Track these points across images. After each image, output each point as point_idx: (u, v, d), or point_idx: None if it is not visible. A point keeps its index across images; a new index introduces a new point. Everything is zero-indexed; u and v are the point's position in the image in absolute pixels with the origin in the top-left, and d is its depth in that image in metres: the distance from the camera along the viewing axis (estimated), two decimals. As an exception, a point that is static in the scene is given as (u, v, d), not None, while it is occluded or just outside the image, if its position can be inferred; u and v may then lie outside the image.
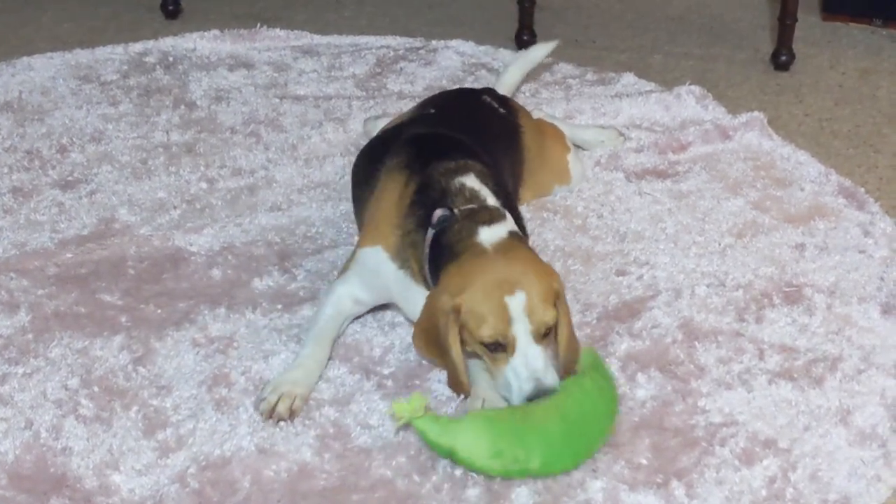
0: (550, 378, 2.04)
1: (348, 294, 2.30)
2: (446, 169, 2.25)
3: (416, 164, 2.30)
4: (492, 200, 2.21)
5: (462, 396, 2.15)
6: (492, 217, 2.16)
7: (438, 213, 2.18)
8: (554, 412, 1.99)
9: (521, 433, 1.97)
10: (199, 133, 3.19)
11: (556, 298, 2.08)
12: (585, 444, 2.02)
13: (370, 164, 2.45)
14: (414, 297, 2.22)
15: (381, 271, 2.26)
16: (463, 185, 2.22)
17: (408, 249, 2.23)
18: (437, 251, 2.15)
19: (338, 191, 2.88)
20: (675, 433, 2.11)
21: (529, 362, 2.03)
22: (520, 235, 2.19)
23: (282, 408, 2.12)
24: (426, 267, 2.19)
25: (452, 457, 1.98)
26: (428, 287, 2.19)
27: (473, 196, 2.21)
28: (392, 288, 2.27)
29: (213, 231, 2.69)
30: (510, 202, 2.29)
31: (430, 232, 2.18)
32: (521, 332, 2.03)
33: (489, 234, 2.12)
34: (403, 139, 2.42)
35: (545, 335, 2.06)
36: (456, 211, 2.17)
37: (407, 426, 2.04)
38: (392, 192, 2.30)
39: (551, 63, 3.64)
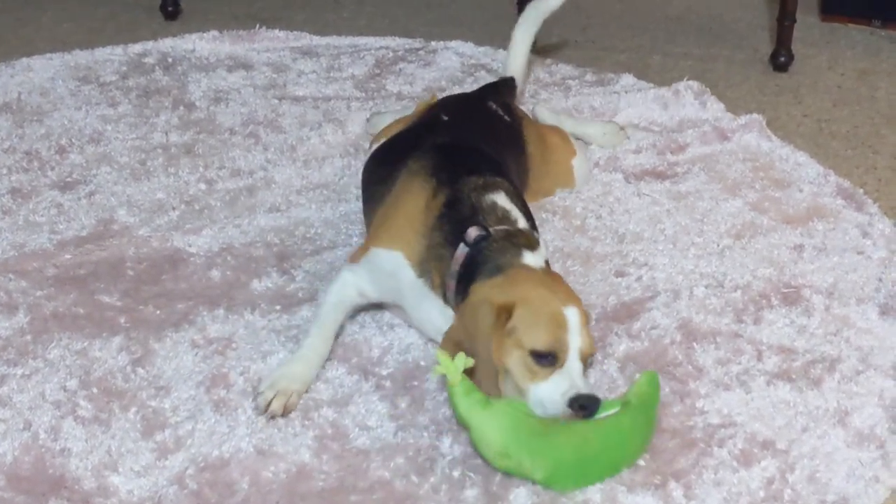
0: (590, 391, 1.99)
1: (354, 283, 2.29)
2: (476, 185, 2.24)
3: (443, 173, 2.27)
4: (522, 222, 2.22)
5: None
6: (530, 242, 2.16)
7: (473, 232, 2.15)
8: (577, 436, 1.96)
9: (536, 443, 1.94)
10: (198, 134, 3.19)
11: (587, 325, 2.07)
12: (595, 475, 1.99)
13: (388, 164, 2.43)
14: (427, 306, 2.22)
15: (399, 276, 2.24)
16: (495, 204, 2.22)
17: (431, 262, 2.20)
18: (473, 268, 2.12)
19: (337, 192, 2.89)
20: (674, 434, 2.11)
21: (575, 379, 1.99)
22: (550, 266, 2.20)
23: (276, 405, 2.11)
24: (451, 283, 2.15)
25: (466, 430, 1.97)
26: (445, 300, 2.18)
27: (505, 216, 2.20)
28: (405, 293, 2.25)
29: (211, 232, 2.69)
30: (533, 223, 2.29)
31: (463, 248, 2.14)
32: (573, 346, 2.00)
33: (533, 260, 2.12)
34: (429, 145, 2.39)
35: (585, 358, 2.04)
36: (491, 230, 2.15)
37: (442, 379, 2.01)
38: (417, 198, 2.26)
39: (550, 63, 3.64)
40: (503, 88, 2.95)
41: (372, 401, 2.17)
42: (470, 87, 3.44)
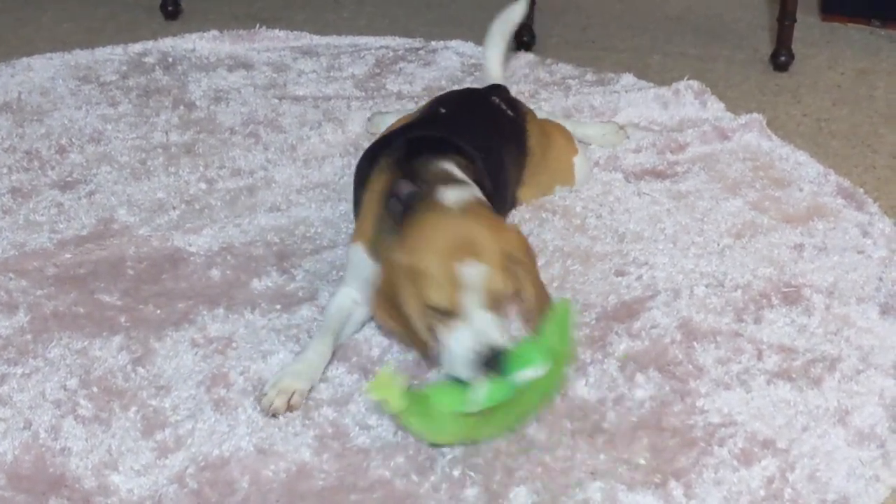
0: (499, 342, 1.96)
1: (346, 294, 2.32)
2: (425, 161, 2.23)
3: (405, 161, 2.27)
4: (461, 177, 2.19)
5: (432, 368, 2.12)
6: (456, 183, 2.13)
7: (405, 187, 2.14)
8: (510, 417, 2.03)
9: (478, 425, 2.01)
10: (198, 133, 3.19)
11: (517, 263, 2.03)
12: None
13: (369, 164, 2.44)
14: None
15: (362, 268, 2.25)
16: (438, 169, 2.20)
17: (380, 244, 2.20)
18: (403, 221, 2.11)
19: (337, 191, 2.88)
20: (674, 433, 2.11)
21: (479, 328, 1.96)
22: (485, 201, 2.14)
23: (278, 403, 2.12)
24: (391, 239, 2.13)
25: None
26: None
27: (447, 176, 2.18)
28: (367, 282, 2.25)
29: (212, 231, 2.69)
30: (482, 186, 2.25)
31: (398, 206, 2.14)
32: (472, 301, 1.97)
33: (451, 194, 2.09)
34: (403, 139, 2.41)
35: (500, 302, 2.02)
36: (423, 186, 2.14)
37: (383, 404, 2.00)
38: (376, 188, 2.28)
39: (550, 63, 3.64)
40: (501, 91, 2.95)
41: (372, 400, 2.17)
42: (470, 86, 3.44)
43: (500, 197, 2.48)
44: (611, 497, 1.97)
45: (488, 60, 3.09)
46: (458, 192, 2.12)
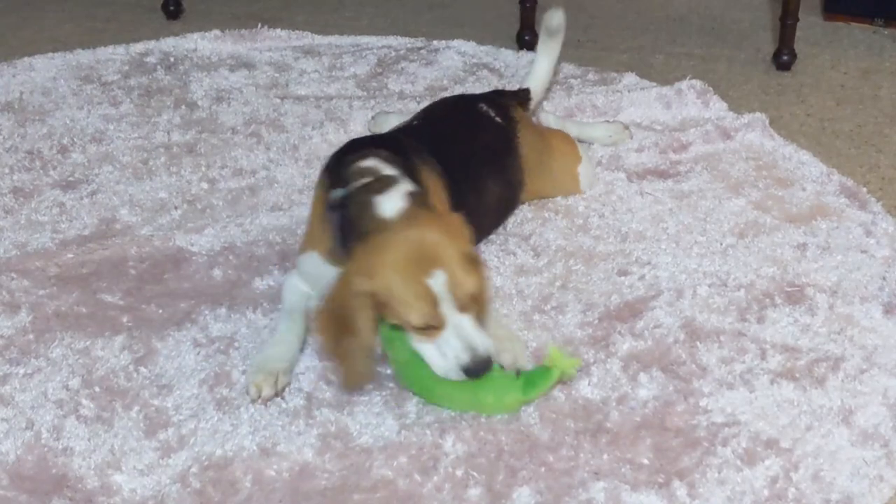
0: (482, 345, 2.05)
1: (295, 286, 2.34)
2: (350, 160, 2.25)
3: (333, 165, 2.31)
4: (387, 171, 2.20)
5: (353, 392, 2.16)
6: (383, 184, 2.14)
7: (335, 192, 2.18)
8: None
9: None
10: (200, 133, 3.19)
11: (473, 256, 2.08)
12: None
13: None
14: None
15: (324, 274, 2.24)
16: (359, 167, 2.22)
17: (314, 238, 2.27)
18: (346, 231, 2.14)
19: (339, 191, 2.88)
20: (677, 433, 2.10)
21: (462, 333, 2.05)
22: (419, 194, 2.15)
23: (266, 390, 2.14)
24: (339, 249, 2.16)
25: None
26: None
27: (368, 171, 2.20)
28: (315, 277, 2.29)
29: (214, 231, 2.69)
30: (413, 167, 2.25)
31: (332, 214, 2.17)
32: (448, 308, 2.03)
33: (387, 205, 2.10)
34: (332, 154, 2.41)
35: (470, 301, 2.06)
36: (351, 188, 2.16)
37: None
38: (317, 195, 2.32)
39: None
40: (514, 96, 2.92)
41: (375, 400, 2.17)
42: (472, 86, 3.45)
43: (476, 199, 2.49)
44: (614, 497, 1.96)
45: (535, 63, 3.05)
46: (392, 199, 2.12)
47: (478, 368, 2.06)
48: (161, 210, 2.81)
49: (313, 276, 2.30)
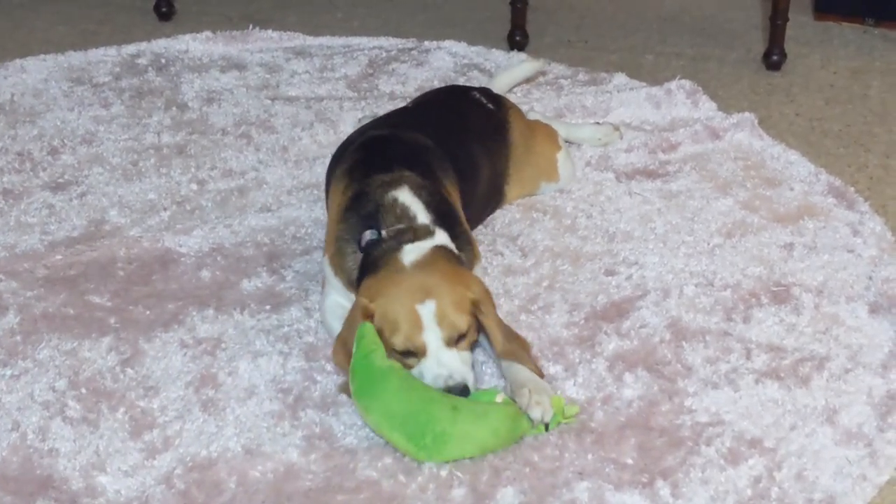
0: (460, 377, 2.07)
1: (333, 303, 2.34)
2: (381, 182, 2.30)
3: (357, 171, 2.36)
4: (423, 217, 2.25)
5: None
6: (417, 235, 2.21)
7: (367, 235, 2.23)
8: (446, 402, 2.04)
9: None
10: (190, 134, 3.19)
11: (474, 305, 2.12)
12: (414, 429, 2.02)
13: (332, 169, 2.51)
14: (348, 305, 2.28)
15: (330, 277, 2.33)
16: (395, 201, 2.26)
17: (335, 257, 2.30)
18: (365, 270, 2.20)
19: (328, 192, 2.89)
20: (662, 433, 2.11)
21: (442, 363, 2.08)
22: (447, 248, 2.22)
23: None
24: (354, 287, 2.25)
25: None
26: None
27: (404, 213, 2.25)
28: (345, 293, 2.32)
29: (202, 232, 2.69)
30: (446, 211, 2.31)
31: (359, 253, 2.24)
32: (432, 338, 2.08)
33: (412, 250, 2.17)
34: (357, 143, 2.47)
35: (458, 340, 2.10)
36: (383, 232, 2.21)
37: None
38: (335, 199, 2.38)
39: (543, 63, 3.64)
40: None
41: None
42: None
43: (470, 181, 2.53)
44: (598, 497, 1.97)
45: (497, 79, 3.24)
46: (419, 250, 2.17)
47: (454, 392, 2.06)
48: (150, 211, 2.82)
49: (330, 280, 2.33)
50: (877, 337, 2.37)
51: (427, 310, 2.08)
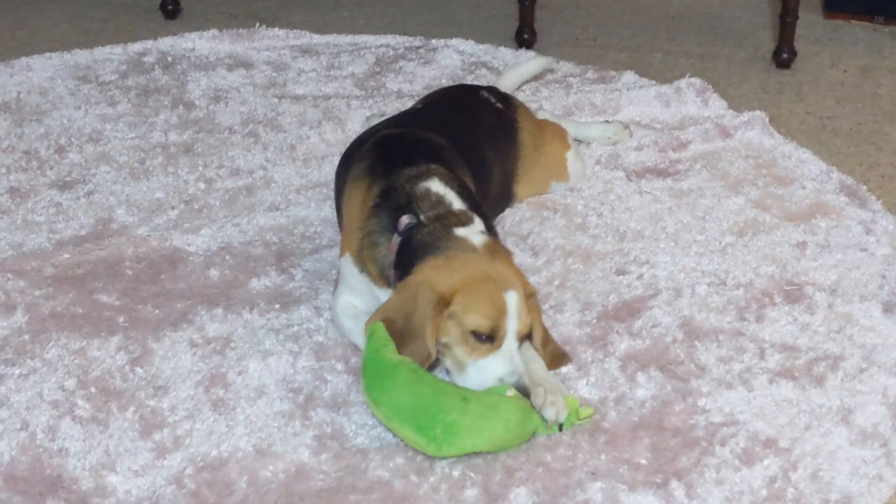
0: (526, 377, 2.08)
1: (345, 303, 2.32)
2: (409, 175, 2.27)
3: (378, 168, 2.32)
4: (458, 204, 2.23)
5: None
6: (461, 220, 2.18)
7: (405, 219, 2.19)
8: (457, 394, 2.02)
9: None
10: (197, 133, 3.18)
11: (531, 298, 2.13)
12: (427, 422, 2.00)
13: (345, 169, 2.48)
14: (378, 299, 2.25)
15: (349, 276, 2.29)
16: (428, 191, 2.24)
17: (364, 250, 2.25)
18: (408, 254, 2.15)
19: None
20: (675, 433, 2.09)
21: (513, 358, 2.07)
22: (495, 239, 2.21)
23: None
24: (390, 271, 2.20)
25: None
26: (391, 289, 2.20)
27: (439, 201, 2.22)
28: (363, 292, 2.29)
29: (210, 231, 2.68)
30: (476, 203, 2.29)
31: (397, 238, 2.19)
32: (511, 328, 2.07)
33: (471, 234, 2.15)
34: (371, 142, 2.44)
35: (524, 334, 2.11)
36: (422, 216, 2.18)
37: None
38: (356, 198, 2.33)
39: (551, 61, 3.62)
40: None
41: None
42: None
43: (483, 182, 2.52)
44: (612, 497, 1.95)
45: (504, 77, 3.21)
46: (474, 233, 2.16)
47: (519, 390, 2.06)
48: (158, 210, 2.81)
49: (348, 279, 2.30)
50: (891, 336, 2.36)
51: (512, 299, 2.07)
